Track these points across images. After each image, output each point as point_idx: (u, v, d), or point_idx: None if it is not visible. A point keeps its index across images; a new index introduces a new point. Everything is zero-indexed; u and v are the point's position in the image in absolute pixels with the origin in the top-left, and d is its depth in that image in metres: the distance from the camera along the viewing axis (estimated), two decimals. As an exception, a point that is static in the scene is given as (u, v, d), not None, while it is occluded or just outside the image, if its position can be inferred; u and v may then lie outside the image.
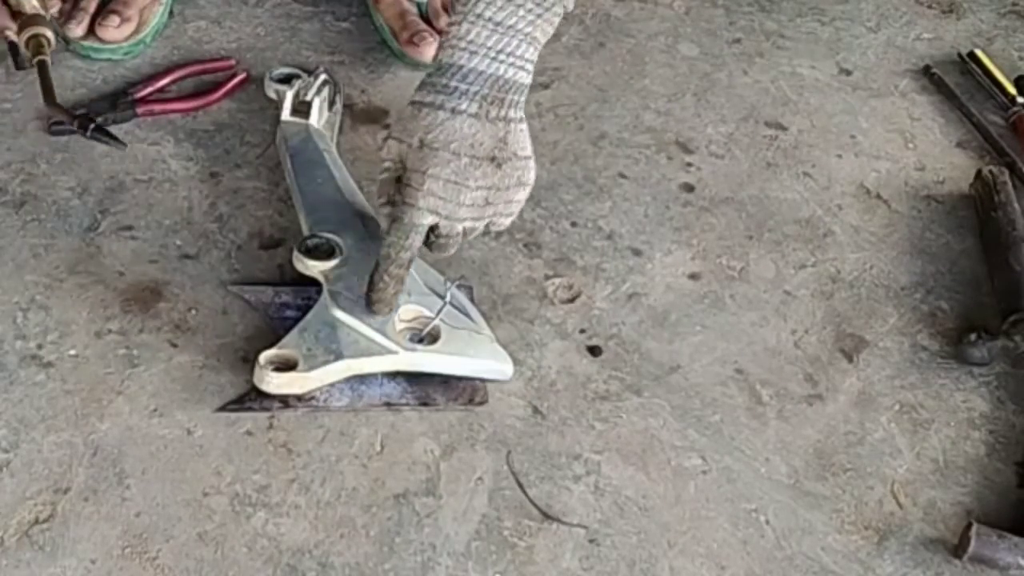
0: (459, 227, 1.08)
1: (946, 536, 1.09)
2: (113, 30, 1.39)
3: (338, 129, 1.36)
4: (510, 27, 1.06)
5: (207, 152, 1.33)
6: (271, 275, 1.21)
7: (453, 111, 1.05)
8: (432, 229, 1.08)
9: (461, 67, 1.05)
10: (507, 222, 1.10)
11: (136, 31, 1.40)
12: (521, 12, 1.06)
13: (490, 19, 1.05)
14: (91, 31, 1.39)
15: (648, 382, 1.17)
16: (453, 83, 1.05)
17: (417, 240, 1.08)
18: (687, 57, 1.54)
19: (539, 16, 1.07)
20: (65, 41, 1.40)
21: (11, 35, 1.32)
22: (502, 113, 1.06)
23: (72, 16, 1.39)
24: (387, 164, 1.08)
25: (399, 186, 1.07)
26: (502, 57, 1.06)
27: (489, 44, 1.05)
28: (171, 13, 1.47)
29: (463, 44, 1.05)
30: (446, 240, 1.09)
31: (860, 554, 1.07)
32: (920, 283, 1.30)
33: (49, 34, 1.29)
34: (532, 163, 1.09)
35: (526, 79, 1.08)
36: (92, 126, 1.27)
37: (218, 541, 1.01)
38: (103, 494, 1.03)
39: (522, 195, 1.09)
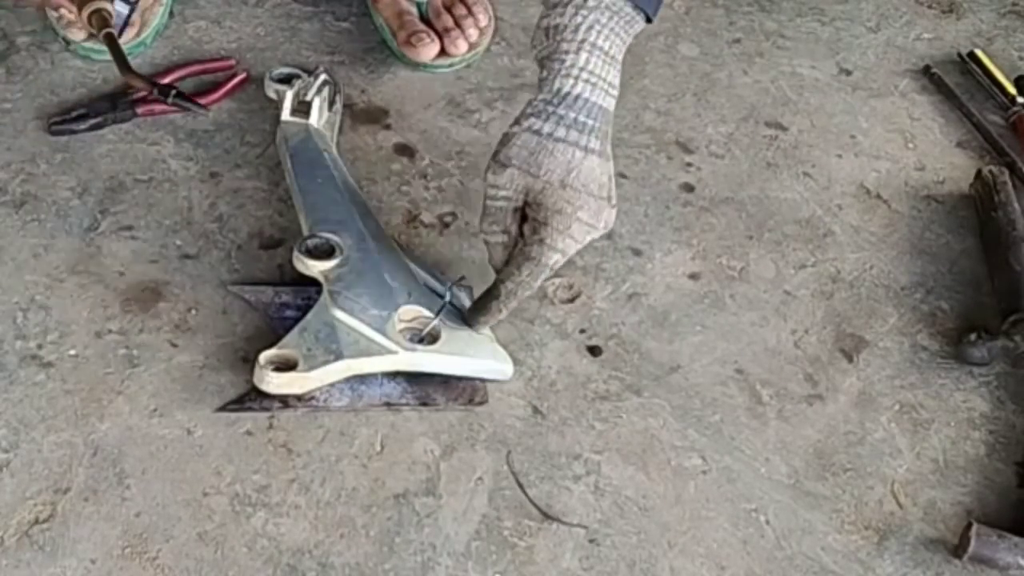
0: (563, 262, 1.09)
1: (946, 536, 1.09)
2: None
3: (338, 129, 1.36)
4: (612, 57, 1.08)
5: (207, 152, 1.33)
6: (271, 275, 1.21)
7: (586, 150, 1.06)
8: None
9: (587, 100, 1.06)
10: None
11: (137, 33, 1.40)
12: (617, 41, 1.08)
13: (601, 48, 1.07)
14: (92, 34, 1.39)
15: (648, 382, 1.17)
16: (581, 118, 1.06)
17: (544, 280, 1.09)
18: (687, 57, 1.54)
19: (625, 43, 1.09)
20: (66, 43, 1.40)
21: (67, 13, 1.36)
22: (609, 149, 1.08)
23: (73, 21, 1.38)
24: (504, 194, 1.07)
25: (529, 222, 1.07)
26: (610, 90, 1.08)
27: (604, 76, 1.07)
28: (171, 13, 1.47)
29: (585, 75, 1.06)
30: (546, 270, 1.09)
31: (860, 554, 1.07)
32: (920, 283, 1.30)
33: (110, 7, 1.30)
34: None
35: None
36: (173, 92, 1.27)
37: (218, 541, 1.01)
38: (103, 494, 1.03)
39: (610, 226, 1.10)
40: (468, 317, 1.14)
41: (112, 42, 1.28)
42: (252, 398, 1.10)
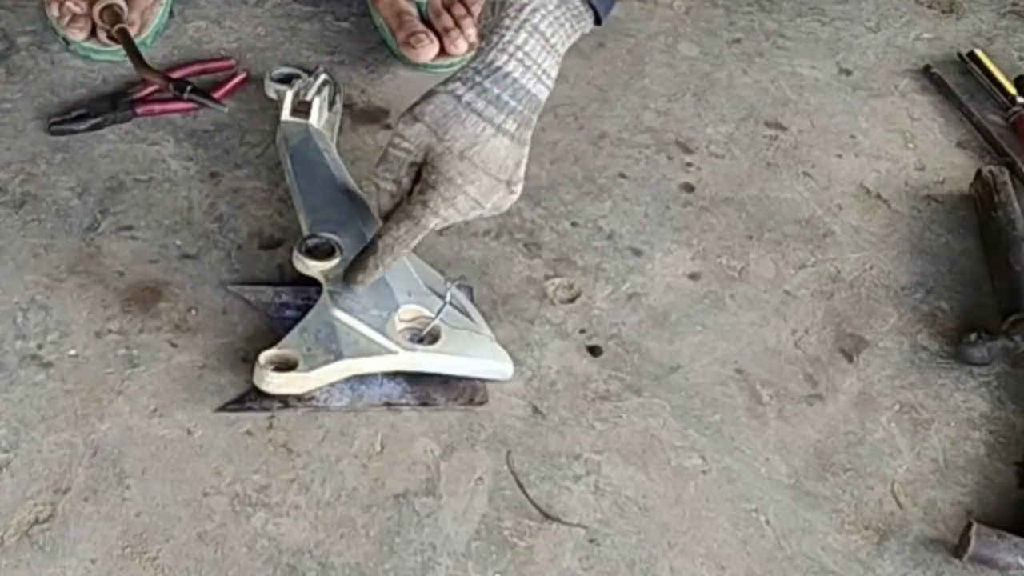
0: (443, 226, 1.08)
1: (946, 536, 1.09)
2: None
3: (338, 129, 1.36)
4: (553, 46, 1.06)
5: (207, 152, 1.33)
6: (271, 275, 1.21)
7: (498, 129, 1.04)
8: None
9: (514, 81, 1.04)
10: (506, 207, 1.10)
11: (137, 33, 1.40)
12: (561, 32, 1.06)
13: (542, 33, 1.05)
14: (92, 34, 1.39)
15: (648, 382, 1.17)
16: (505, 96, 1.04)
17: (417, 241, 1.08)
18: (687, 57, 1.54)
19: (570, 38, 1.08)
20: (66, 43, 1.40)
21: (72, 6, 1.37)
22: (526, 136, 1.07)
23: (74, 20, 1.39)
24: (406, 145, 1.06)
25: (420, 181, 1.06)
26: (544, 78, 1.06)
27: (539, 61, 1.05)
28: (171, 13, 1.47)
29: (520, 55, 1.04)
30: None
31: (860, 554, 1.07)
32: (920, 283, 1.30)
33: (122, 3, 1.32)
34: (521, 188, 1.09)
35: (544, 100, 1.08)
36: (189, 88, 1.28)
37: (218, 541, 1.01)
38: (103, 494, 1.03)
39: (513, 199, 1.09)
40: (346, 276, 1.12)
41: (126, 37, 1.29)
42: (252, 398, 1.10)
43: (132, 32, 1.39)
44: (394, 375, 1.13)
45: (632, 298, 1.25)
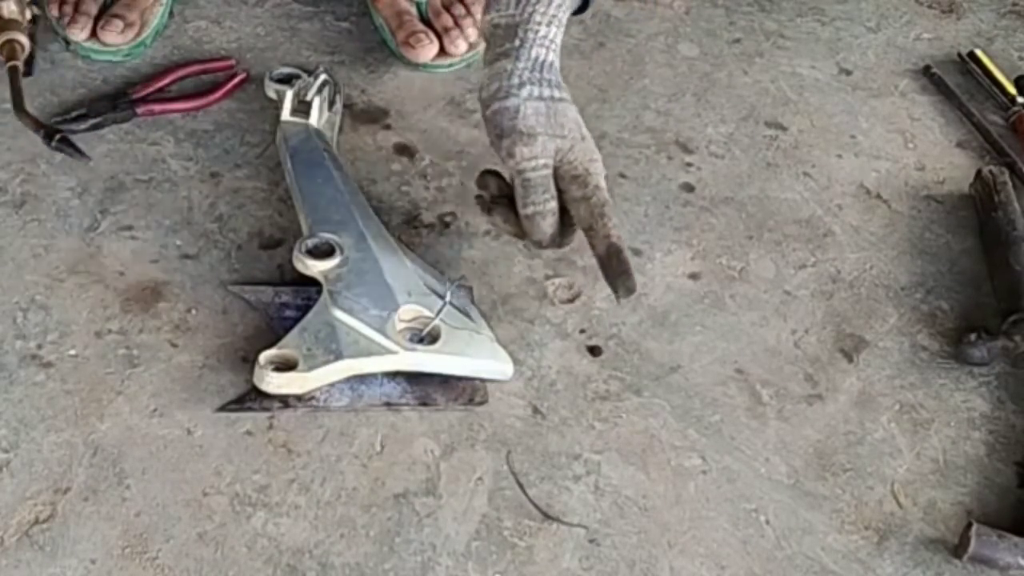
0: (580, 167, 1.12)
1: (946, 536, 1.09)
2: (115, 34, 1.39)
3: (338, 129, 1.36)
4: (561, 23, 1.17)
5: (207, 152, 1.33)
6: (271, 275, 1.21)
7: (570, 104, 1.15)
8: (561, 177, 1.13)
9: (552, 65, 1.15)
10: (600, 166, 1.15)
11: (137, 33, 1.40)
12: (565, 10, 1.17)
13: (560, 20, 1.16)
14: (93, 34, 1.39)
15: (648, 382, 1.17)
16: (556, 79, 1.15)
17: (552, 189, 1.12)
18: (687, 57, 1.54)
19: (567, 13, 1.18)
20: (66, 43, 1.40)
21: (76, 7, 1.37)
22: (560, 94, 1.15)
23: (75, 20, 1.39)
24: (543, 161, 1.11)
25: (570, 181, 1.13)
26: (554, 47, 1.17)
27: (558, 42, 1.17)
28: (171, 13, 1.47)
29: (553, 46, 1.16)
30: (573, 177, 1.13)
31: (860, 554, 1.07)
32: (920, 283, 1.30)
33: (24, 40, 1.27)
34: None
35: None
36: (58, 136, 1.24)
37: (218, 541, 1.01)
38: (103, 494, 1.03)
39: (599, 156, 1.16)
40: (620, 289, 1.13)
41: (14, 76, 1.26)
42: (252, 398, 1.10)
43: (132, 33, 1.39)
44: (394, 375, 1.13)
45: (632, 298, 1.25)
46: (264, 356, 1.08)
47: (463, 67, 1.46)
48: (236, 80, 1.39)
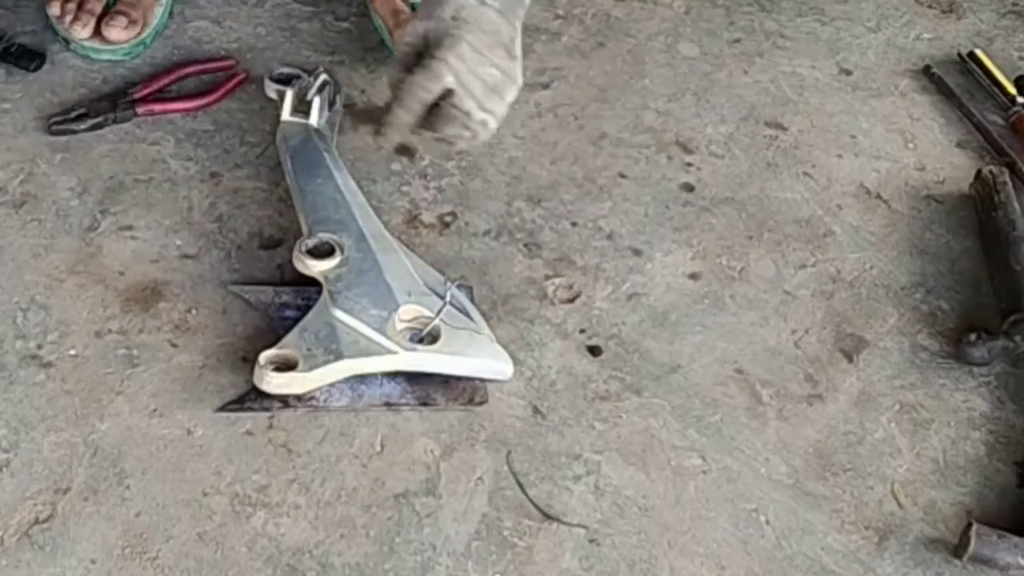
0: (469, 104, 1.11)
1: (946, 536, 1.09)
2: (120, 31, 1.39)
3: (338, 129, 1.36)
4: None
5: (207, 152, 1.33)
6: (271, 275, 1.21)
7: (481, 2, 1.12)
8: (445, 98, 1.11)
9: None
10: (493, 125, 1.14)
11: (137, 33, 1.40)
12: None
13: None
14: (96, 32, 1.39)
15: (648, 382, 1.17)
16: None
17: (436, 88, 1.11)
18: (687, 57, 1.54)
19: None
20: (66, 42, 1.40)
21: (77, 6, 1.37)
22: (515, 22, 1.14)
23: (78, 18, 1.39)
24: (409, 39, 1.13)
25: (428, 48, 1.12)
26: None
27: None
28: (171, 14, 1.47)
29: None
30: (455, 113, 1.11)
31: (860, 554, 1.07)
32: (920, 283, 1.30)
33: None
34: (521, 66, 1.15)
35: None
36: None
37: (218, 541, 1.01)
38: (103, 494, 1.03)
39: (512, 95, 1.15)
40: (375, 129, 1.14)
41: None
42: (252, 398, 1.10)
43: (136, 30, 1.39)
44: (394, 375, 1.13)
45: (632, 298, 1.25)
46: (264, 356, 1.08)
47: None
48: (236, 80, 1.39)
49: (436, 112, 1.12)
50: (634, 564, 1.04)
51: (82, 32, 1.38)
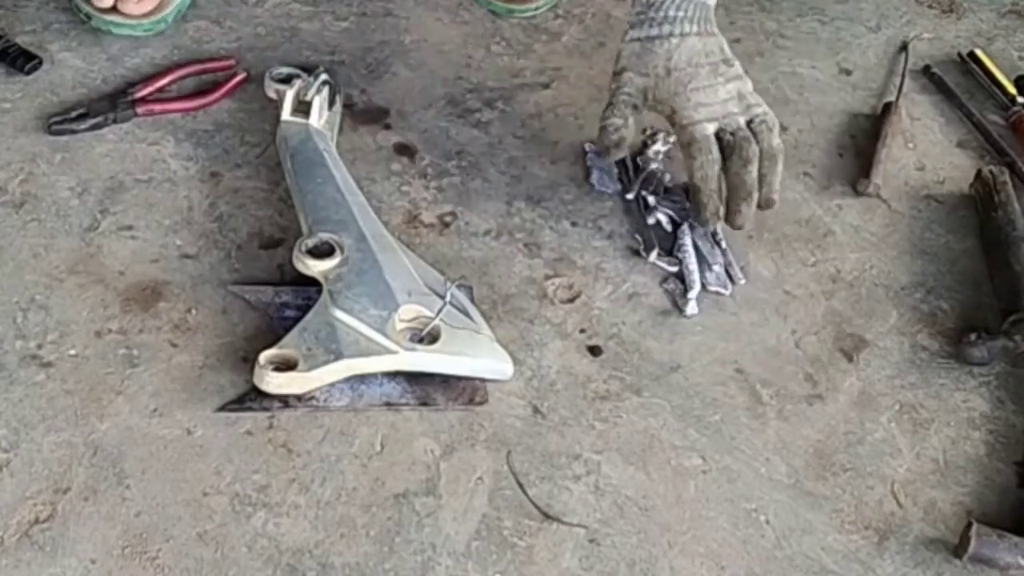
0: (739, 120, 1.21)
1: (946, 536, 1.09)
2: (133, 4, 1.39)
3: (338, 129, 1.36)
4: None
5: (207, 152, 1.33)
6: (271, 275, 1.21)
7: (681, 35, 1.21)
8: (720, 136, 1.20)
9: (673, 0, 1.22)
10: (767, 110, 1.23)
11: (158, 9, 1.40)
12: None
13: None
14: (114, 6, 1.39)
15: (648, 382, 1.17)
16: (671, 12, 1.21)
17: (715, 149, 1.20)
18: (687, 57, 1.54)
19: None
20: (87, 18, 1.40)
21: None
22: (712, 29, 1.23)
23: None
24: (627, 90, 1.23)
25: (668, 119, 1.23)
26: None
27: None
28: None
29: None
30: (738, 138, 1.20)
31: (860, 554, 1.07)
32: (920, 283, 1.30)
33: None
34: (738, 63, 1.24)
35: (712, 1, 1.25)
36: None
37: (218, 541, 1.01)
38: (103, 494, 1.03)
39: (750, 85, 1.23)
40: (696, 218, 1.25)
41: None
42: (252, 398, 1.10)
43: (151, 5, 1.39)
44: (394, 375, 1.13)
45: (632, 298, 1.25)
46: (264, 356, 1.08)
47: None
48: (236, 80, 1.39)
49: (729, 153, 1.21)
50: (634, 564, 1.04)
51: (104, 1, 1.38)
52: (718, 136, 1.21)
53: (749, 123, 1.21)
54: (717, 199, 1.22)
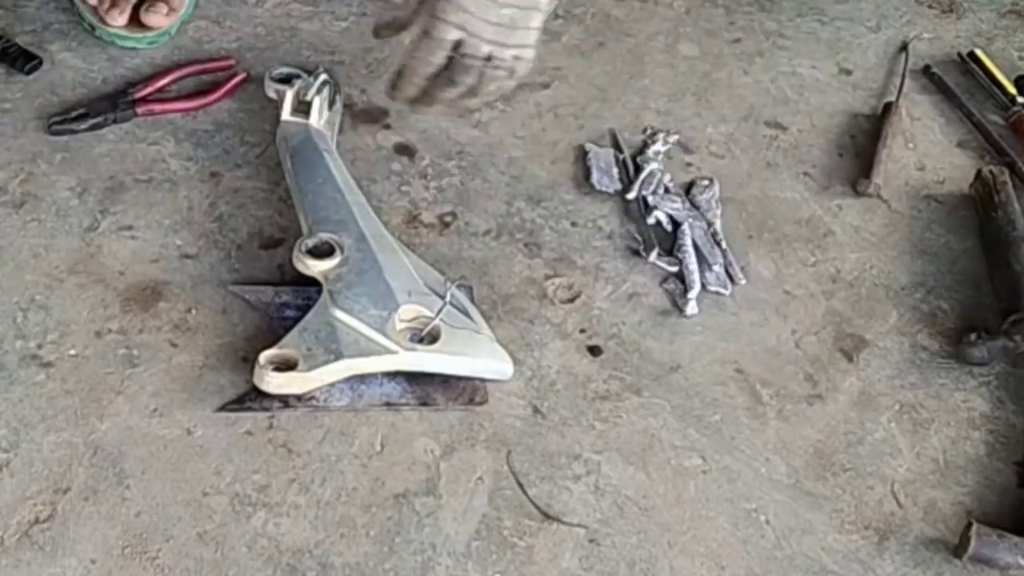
0: (484, 48, 1.10)
1: (946, 536, 1.09)
2: (161, 17, 1.40)
3: (338, 129, 1.36)
4: None
5: (207, 152, 1.33)
6: (271, 275, 1.21)
7: None
8: (457, 47, 1.11)
9: None
10: (528, 55, 1.12)
11: (168, 13, 1.40)
12: None
13: None
14: (131, 20, 1.39)
15: (648, 382, 1.17)
16: None
17: (441, 55, 1.11)
18: (687, 57, 1.54)
19: None
20: (91, 28, 1.40)
21: None
22: None
23: (116, 4, 1.39)
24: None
25: (425, 6, 1.11)
26: None
27: None
28: (196, 4, 1.47)
29: None
30: (471, 61, 1.10)
31: (860, 554, 1.07)
32: (920, 283, 1.30)
33: None
34: None
35: None
36: None
37: (218, 541, 1.01)
38: (103, 494, 1.03)
39: (538, 21, 1.12)
40: (391, 88, 1.17)
41: None
42: (252, 398, 1.10)
43: (175, 17, 1.40)
44: (394, 375, 1.13)
45: (632, 298, 1.25)
46: (264, 356, 1.08)
47: None
48: (236, 80, 1.39)
49: (451, 64, 1.11)
50: (634, 564, 1.04)
51: (119, 20, 1.39)
52: (457, 46, 1.11)
53: (489, 58, 1.12)
54: (414, 89, 1.15)
